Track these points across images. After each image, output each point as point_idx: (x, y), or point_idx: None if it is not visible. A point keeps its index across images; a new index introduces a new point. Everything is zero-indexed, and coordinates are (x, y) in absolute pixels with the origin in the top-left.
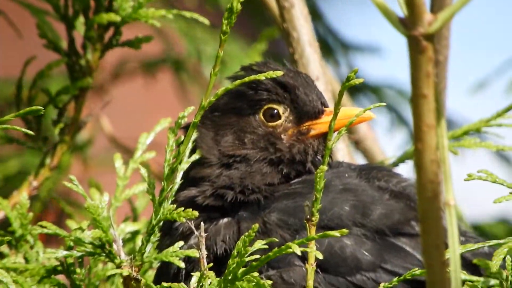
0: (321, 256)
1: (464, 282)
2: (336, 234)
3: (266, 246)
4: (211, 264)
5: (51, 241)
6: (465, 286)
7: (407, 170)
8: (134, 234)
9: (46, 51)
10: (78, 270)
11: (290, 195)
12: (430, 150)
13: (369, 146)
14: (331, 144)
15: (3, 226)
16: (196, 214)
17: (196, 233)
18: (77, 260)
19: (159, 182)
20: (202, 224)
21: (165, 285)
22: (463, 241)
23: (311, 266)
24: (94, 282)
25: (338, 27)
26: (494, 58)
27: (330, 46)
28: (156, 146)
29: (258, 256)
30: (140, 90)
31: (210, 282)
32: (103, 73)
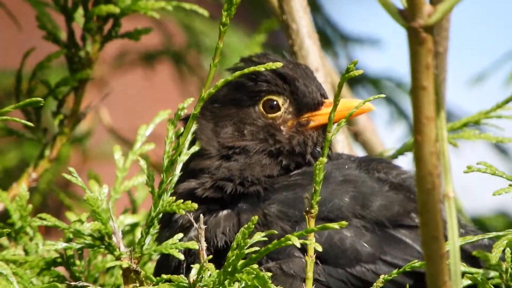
0: (320, 248)
1: (463, 274)
2: (335, 226)
3: (266, 238)
4: (211, 256)
5: (51, 233)
6: (464, 278)
7: (407, 162)
8: (134, 226)
9: (46, 43)
10: (77, 262)
11: (290, 187)
12: (430, 142)
13: (368, 137)
14: (331, 135)
15: (3, 218)
16: (195, 206)
17: (195, 225)
18: (76, 252)
19: (159, 174)
20: (202, 216)
21: (164, 277)
22: (463, 233)
23: (311, 258)
24: (94, 274)
25: (337, 19)
26: (494, 51)
27: (329, 37)
28: (155, 138)
29: (257, 248)
30: (139, 82)
31: (210, 274)
32: (103, 65)
